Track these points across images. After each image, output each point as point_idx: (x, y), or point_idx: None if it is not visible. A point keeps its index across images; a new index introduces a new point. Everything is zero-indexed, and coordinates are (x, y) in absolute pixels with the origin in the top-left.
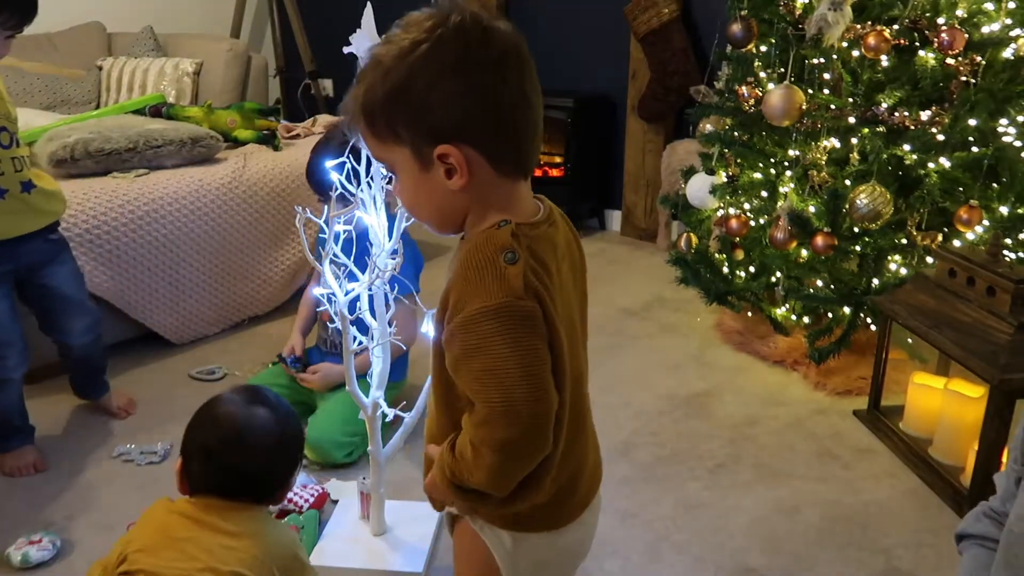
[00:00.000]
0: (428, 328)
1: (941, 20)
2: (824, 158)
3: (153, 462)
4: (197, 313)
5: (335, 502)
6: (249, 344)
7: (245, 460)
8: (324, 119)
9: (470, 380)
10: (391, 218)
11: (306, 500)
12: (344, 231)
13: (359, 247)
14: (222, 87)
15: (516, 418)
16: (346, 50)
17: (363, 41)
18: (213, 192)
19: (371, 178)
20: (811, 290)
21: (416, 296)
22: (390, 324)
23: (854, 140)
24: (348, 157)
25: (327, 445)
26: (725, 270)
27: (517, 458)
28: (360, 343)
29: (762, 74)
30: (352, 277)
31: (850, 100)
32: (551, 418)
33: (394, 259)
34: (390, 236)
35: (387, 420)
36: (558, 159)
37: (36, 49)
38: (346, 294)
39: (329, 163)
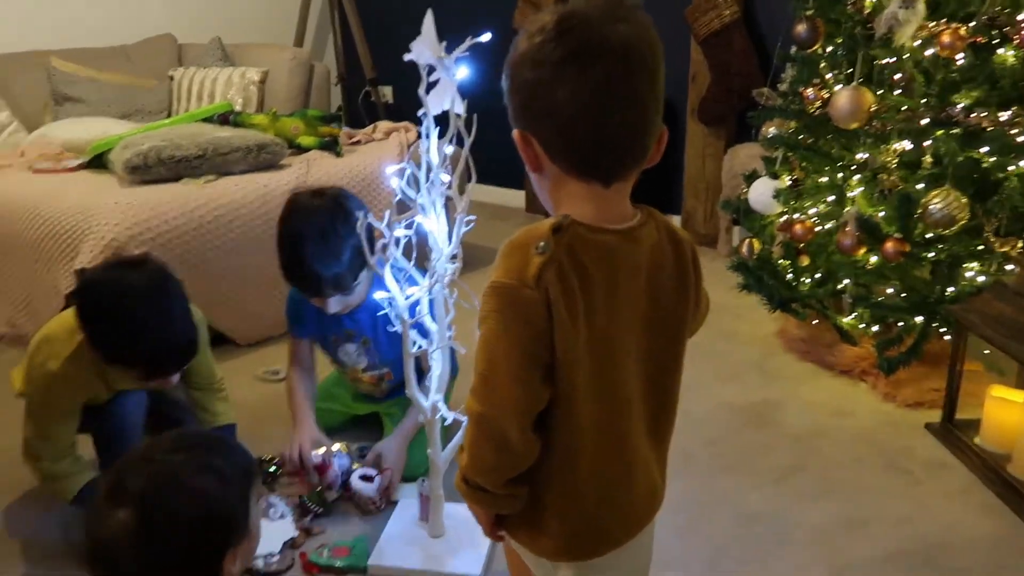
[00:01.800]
0: None
1: (1021, 16)
2: (895, 161)
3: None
4: (262, 315)
5: (395, 503)
6: None
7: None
8: (384, 125)
9: (477, 349)
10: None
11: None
12: (405, 236)
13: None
14: (286, 95)
15: (490, 394)
16: (407, 57)
17: (423, 48)
18: (278, 197)
19: (431, 183)
20: (880, 298)
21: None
22: (449, 328)
23: (927, 143)
24: (409, 163)
25: (412, 466)
26: (789, 276)
27: (486, 440)
28: (419, 347)
29: (828, 75)
30: (412, 281)
31: (923, 101)
32: (520, 415)
33: (454, 263)
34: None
35: (446, 423)
36: None
37: (112, 61)
38: (407, 299)
39: (390, 169)
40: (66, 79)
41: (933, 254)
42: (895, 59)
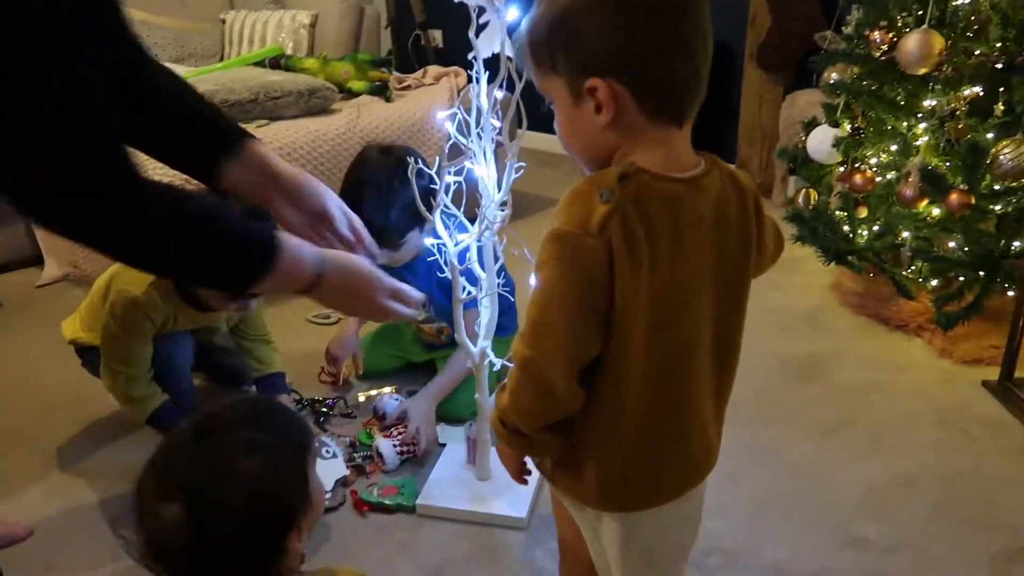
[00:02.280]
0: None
1: None
2: (964, 108)
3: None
4: None
5: (443, 446)
6: None
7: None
8: (434, 70)
9: (531, 294)
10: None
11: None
12: (455, 182)
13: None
14: (336, 38)
15: (538, 339)
16: None
17: None
18: (329, 142)
19: (481, 129)
20: (942, 251)
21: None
22: (499, 275)
23: (1000, 89)
24: (459, 108)
25: (460, 406)
26: (846, 228)
27: (528, 385)
28: (468, 293)
29: (897, 17)
30: (462, 228)
31: (998, 45)
32: (567, 365)
33: (503, 211)
34: (499, 188)
35: (495, 369)
36: None
37: (165, 5)
38: (456, 245)
39: (441, 113)
40: None
41: (1000, 207)
42: (970, 0)
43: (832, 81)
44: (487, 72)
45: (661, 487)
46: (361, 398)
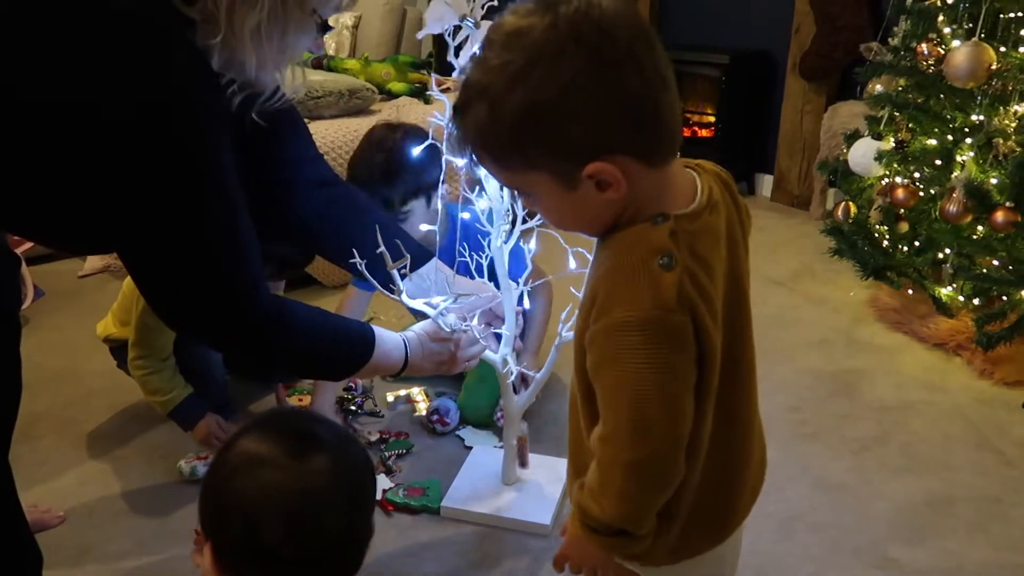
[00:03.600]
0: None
1: None
2: (1013, 125)
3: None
4: None
5: (469, 448)
6: None
7: (321, 546)
8: None
9: (602, 390)
10: None
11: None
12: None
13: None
14: (378, 40)
15: (646, 437)
16: (419, 35)
17: (443, 10)
18: None
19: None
20: (985, 270)
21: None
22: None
23: None
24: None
25: (484, 405)
26: (885, 243)
27: (649, 484)
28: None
29: (946, 30)
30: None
31: None
32: (683, 442)
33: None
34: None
35: (514, 378)
36: (709, 118)
37: None
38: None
39: (416, 150)
40: None
41: None
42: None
43: (876, 93)
44: None
45: (732, 517)
46: (390, 398)
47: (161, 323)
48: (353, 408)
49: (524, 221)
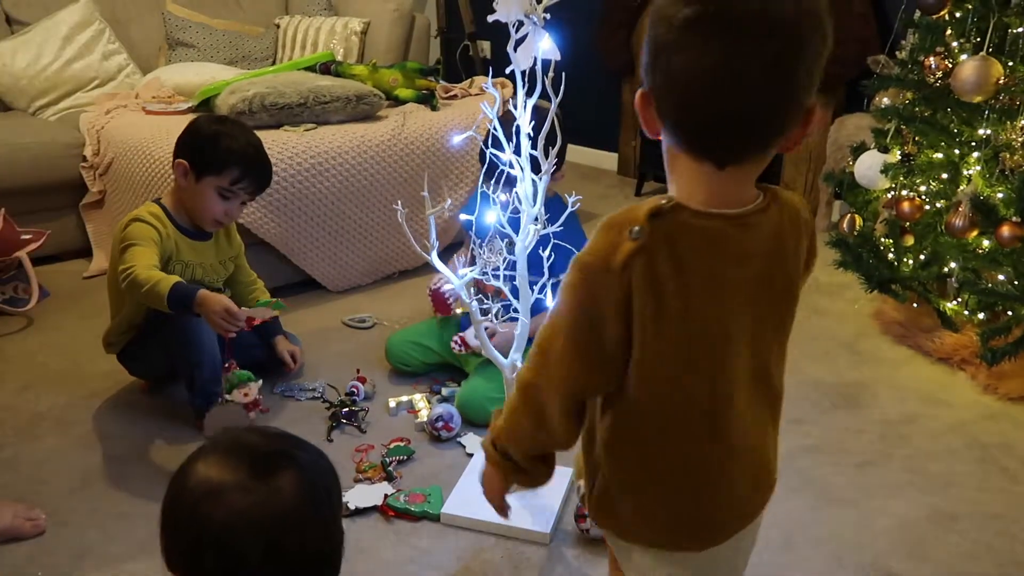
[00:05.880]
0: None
1: None
2: (1020, 139)
3: (313, 398)
4: (352, 263)
5: (470, 455)
6: (399, 296)
7: (301, 562)
8: (481, 80)
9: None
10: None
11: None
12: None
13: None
14: (386, 46)
15: (542, 365)
16: (491, 18)
17: (511, 2)
18: (374, 148)
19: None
20: (990, 284)
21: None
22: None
23: None
24: (496, 122)
25: (483, 400)
26: (891, 256)
27: (529, 406)
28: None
29: (954, 43)
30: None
31: None
32: (567, 387)
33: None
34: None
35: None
36: None
37: (223, 8)
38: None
39: (457, 138)
40: (180, 24)
41: None
42: None
43: (884, 106)
44: (525, 86)
45: (700, 528)
46: (392, 403)
47: (143, 235)
48: (358, 410)
49: (544, 227)
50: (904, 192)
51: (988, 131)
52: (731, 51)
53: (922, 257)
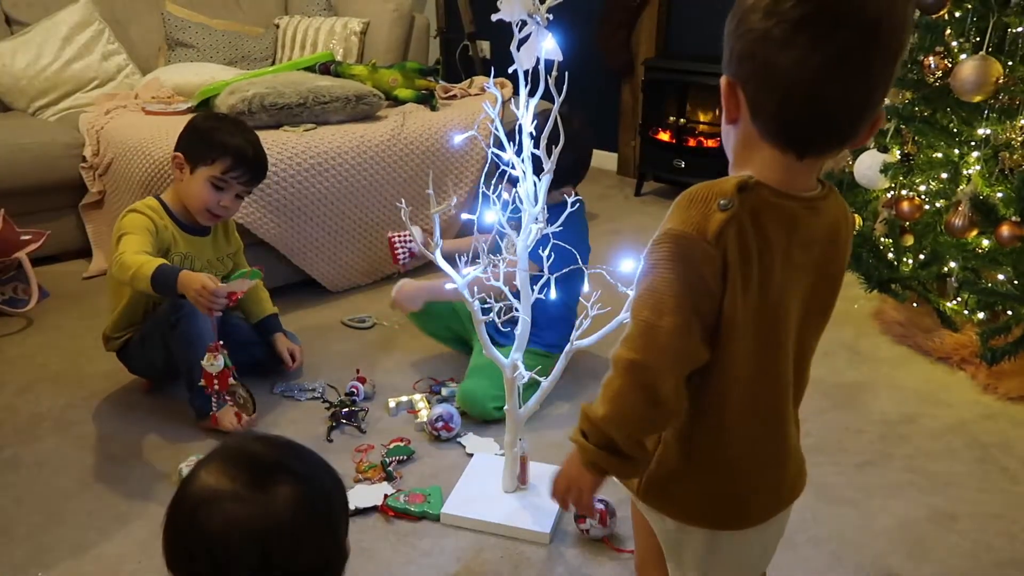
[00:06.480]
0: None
1: None
2: (1020, 139)
3: (313, 398)
4: (352, 263)
5: (470, 455)
6: None
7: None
8: (480, 80)
9: (634, 299)
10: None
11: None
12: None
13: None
14: (386, 46)
15: (651, 344)
16: (495, 17)
17: (515, 2)
18: (373, 148)
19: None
20: (990, 284)
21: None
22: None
23: None
24: (497, 119)
25: (482, 396)
26: (890, 256)
27: (640, 386)
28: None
29: (954, 43)
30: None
31: None
32: (681, 363)
33: (538, 223)
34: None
35: (523, 382)
36: (715, 128)
37: (223, 8)
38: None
39: (458, 137)
40: (179, 24)
41: None
42: None
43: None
44: (527, 86)
45: (757, 508)
46: (392, 404)
47: (137, 224)
48: (359, 411)
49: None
50: (904, 192)
51: (988, 131)
52: (843, 54)
53: (922, 257)
